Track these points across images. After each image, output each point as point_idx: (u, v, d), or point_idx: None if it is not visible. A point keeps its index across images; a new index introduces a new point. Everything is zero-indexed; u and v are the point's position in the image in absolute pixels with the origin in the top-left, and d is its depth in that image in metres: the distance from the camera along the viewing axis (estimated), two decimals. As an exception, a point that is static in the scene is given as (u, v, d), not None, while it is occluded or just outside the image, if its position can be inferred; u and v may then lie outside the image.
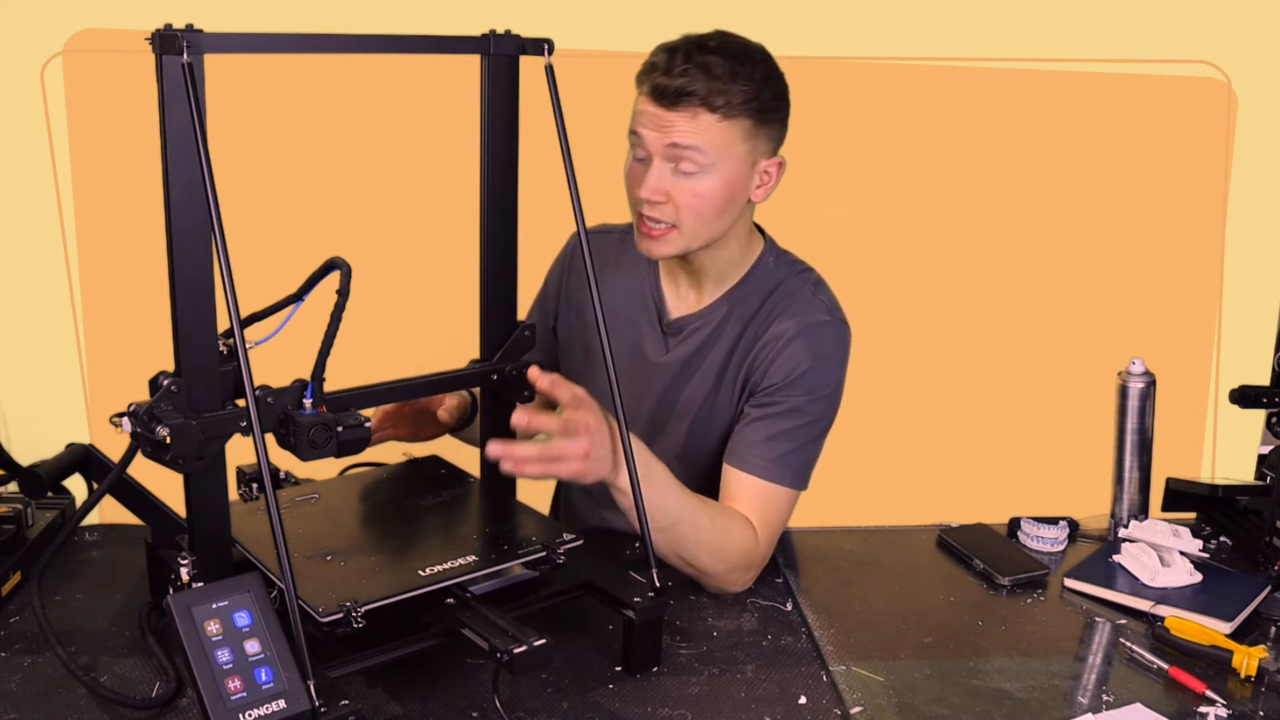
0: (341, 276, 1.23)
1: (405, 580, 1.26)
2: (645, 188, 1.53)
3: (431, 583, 1.27)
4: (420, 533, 1.43)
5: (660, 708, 1.29)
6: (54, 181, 2.44)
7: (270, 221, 2.29)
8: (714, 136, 1.51)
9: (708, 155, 1.51)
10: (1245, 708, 1.32)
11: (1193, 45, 2.54)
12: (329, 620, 1.18)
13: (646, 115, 1.53)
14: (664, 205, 1.54)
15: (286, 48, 1.22)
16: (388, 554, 1.35)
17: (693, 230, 1.56)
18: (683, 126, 1.50)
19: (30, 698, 1.27)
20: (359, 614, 1.19)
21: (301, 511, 1.44)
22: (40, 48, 2.37)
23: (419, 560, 1.30)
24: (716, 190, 1.54)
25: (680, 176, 1.53)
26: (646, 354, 1.70)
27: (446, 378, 1.47)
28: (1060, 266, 2.69)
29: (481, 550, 1.34)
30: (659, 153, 1.53)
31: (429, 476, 1.57)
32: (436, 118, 2.21)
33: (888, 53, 2.53)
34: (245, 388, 1.15)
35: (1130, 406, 1.75)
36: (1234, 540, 1.76)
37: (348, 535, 1.39)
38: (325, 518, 1.43)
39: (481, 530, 1.43)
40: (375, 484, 1.56)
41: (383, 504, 1.51)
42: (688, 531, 1.48)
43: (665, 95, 1.50)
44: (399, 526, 1.44)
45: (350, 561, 1.31)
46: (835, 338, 1.63)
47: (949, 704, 1.31)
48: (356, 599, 1.21)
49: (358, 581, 1.26)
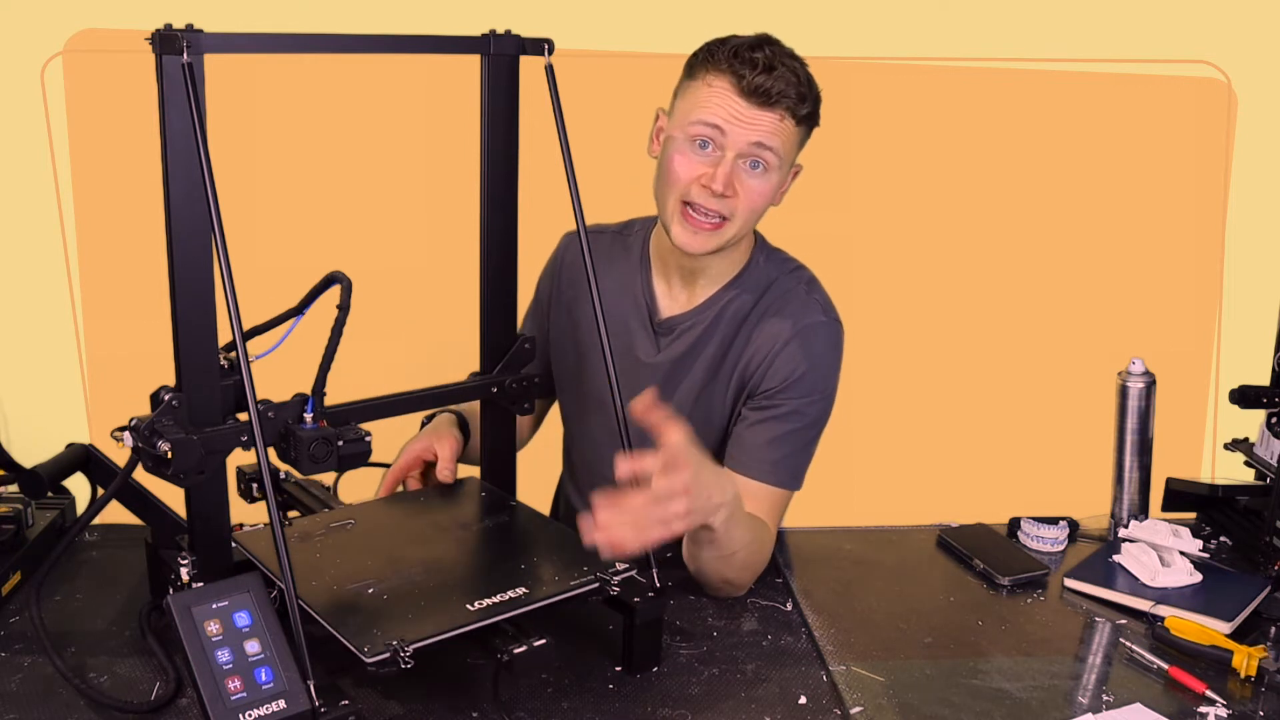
0: (342, 291, 1.23)
1: (454, 617, 1.20)
2: (718, 180, 1.51)
3: (482, 618, 1.20)
4: (465, 562, 1.38)
5: (660, 708, 1.29)
6: (54, 181, 2.44)
7: (270, 223, 2.30)
8: (787, 140, 1.53)
9: (779, 157, 1.53)
10: (1245, 708, 1.32)
11: (1193, 45, 2.54)
12: (375, 661, 1.12)
13: (733, 108, 1.50)
14: (730, 200, 1.53)
15: (286, 48, 1.22)
16: (433, 586, 1.28)
17: (742, 225, 1.56)
18: (769, 127, 1.51)
19: (30, 698, 1.27)
20: (407, 654, 1.13)
21: (338, 540, 1.38)
22: (40, 48, 2.37)
23: (467, 593, 1.24)
24: (773, 190, 1.56)
25: (747, 173, 1.53)
26: (637, 354, 1.70)
27: (446, 391, 1.46)
28: (1060, 267, 2.69)
29: (531, 581, 1.28)
30: (737, 148, 1.51)
31: (469, 500, 1.52)
32: (436, 118, 2.21)
33: (888, 53, 2.53)
34: (248, 403, 1.16)
35: (1130, 406, 1.75)
36: (1234, 540, 1.76)
37: (389, 565, 1.31)
38: (364, 546, 1.37)
39: (529, 558, 1.37)
40: (414, 509, 1.51)
41: (423, 530, 1.44)
42: (745, 555, 1.49)
43: (760, 94, 1.49)
44: (443, 554, 1.37)
45: (393, 595, 1.25)
46: (830, 338, 1.63)
47: (949, 704, 1.31)
48: (404, 637, 1.15)
49: (403, 617, 1.20)
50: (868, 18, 2.52)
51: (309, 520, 1.45)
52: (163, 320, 1.21)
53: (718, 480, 1.36)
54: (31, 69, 2.37)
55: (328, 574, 1.28)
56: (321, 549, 1.35)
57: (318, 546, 1.36)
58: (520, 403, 1.49)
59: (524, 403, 1.49)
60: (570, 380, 1.78)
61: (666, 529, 1.27)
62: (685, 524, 1.29)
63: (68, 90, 2.40)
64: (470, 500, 1.52)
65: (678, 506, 1.26)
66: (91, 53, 2.37)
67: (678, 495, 1.26)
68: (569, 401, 1.81)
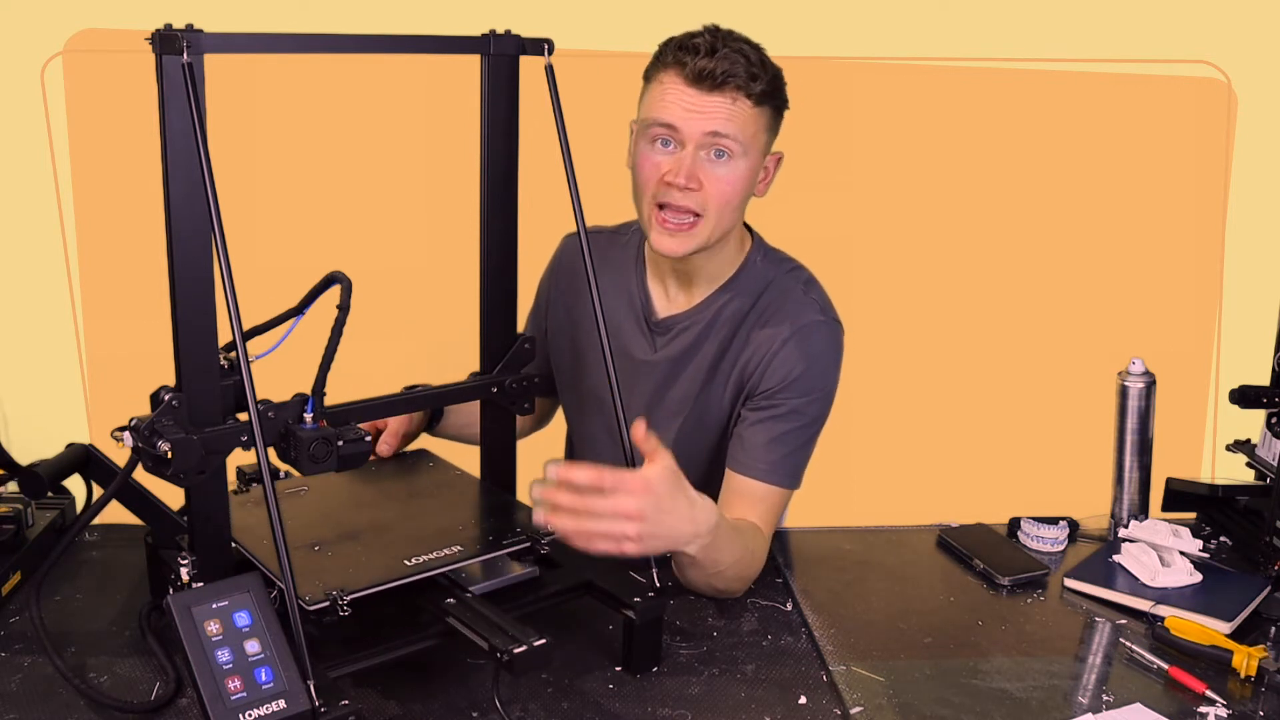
0: (342, 291, 1.23)
1: (391, 569, 1.27)
2: (680, 174, 1.50)
3: (417, 571, 1.27)
4: (409, 524, 1.43)
5: (660, 708, 1.29)
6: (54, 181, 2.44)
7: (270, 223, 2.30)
8: (747, 124, 1.51)
9: (740, 143, 1.51)
10: (1245, 708, 1.32)
11: (1193, 45, 2.54)
12: (315, 608, 1.18)
13: (682, 99, 1.50)
14: (696, 193, 1.52)
15: (286, 48, 1.22)
16: (375, 544, 1.36)
17: (717, 220, 1.55)
18: (722, 112, 1.49)
19: (30, 698, 1.27)
20: (345, 602, 1.20)
21: (290, 503, 1.45)
22: (40, 48, 2.37)
23: (406, 550, 1.31)
24: (744, 179, 1.54)
25: (711, 164, 1.52)
26: (633, 353, 1.70)
27: (446, 391, 1.47)
28: (1060, 267, 2.69)
29: (468, 541, 1.35)
30: (694, 139, 1.50)
31: (419, 470, 1.59)
32: (436, 118, 2.21)
33: (888, 53, 2.54)
34: (248, 403, 1.16)
35: (1130, 406, 1.75)
36: (1234, 540, 1.76)
37: (336, 527, 1.40)
38: (314, 510, 1.44)
39: (470, 522, 1.44)
40: (365, 477, 1.57)
41: (372, 497, 1.52)
42: (734, 571, 1.49)
43: (710, 77, 1.48)
44: (388, 518, 1.44)
45: (337, 552, 1.32)
46: (829, 337, 1.63)
47: (949, 704, 1.31)
48: (343, 588, 1.21)
49: (344, 571, 1.26)
50: (868, 18, 2.52)
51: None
52: (163, 320, 1.21)
53: (690, 513, 1.34)
54: (31, 69, 2.37)
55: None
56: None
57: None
58: (520, 403, 1.49)
59: (524, 403, 1.49)
60: (569, 380, 1.78)
61: (615, 545, 1.27)
62: (638, 549, 1.29)
63: (68, 90, 2.40)
64: (420, 471, 1.59)
65: (629, 529, 1.27)
66: (91, 53, 2.37)
67: (628, 519, 1.27)
68: (569, 401, 1.81)
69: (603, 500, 1.26)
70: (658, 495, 1.29)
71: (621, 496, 1.26)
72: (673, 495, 1.31)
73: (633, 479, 1.28)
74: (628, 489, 1.27)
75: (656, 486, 1.29)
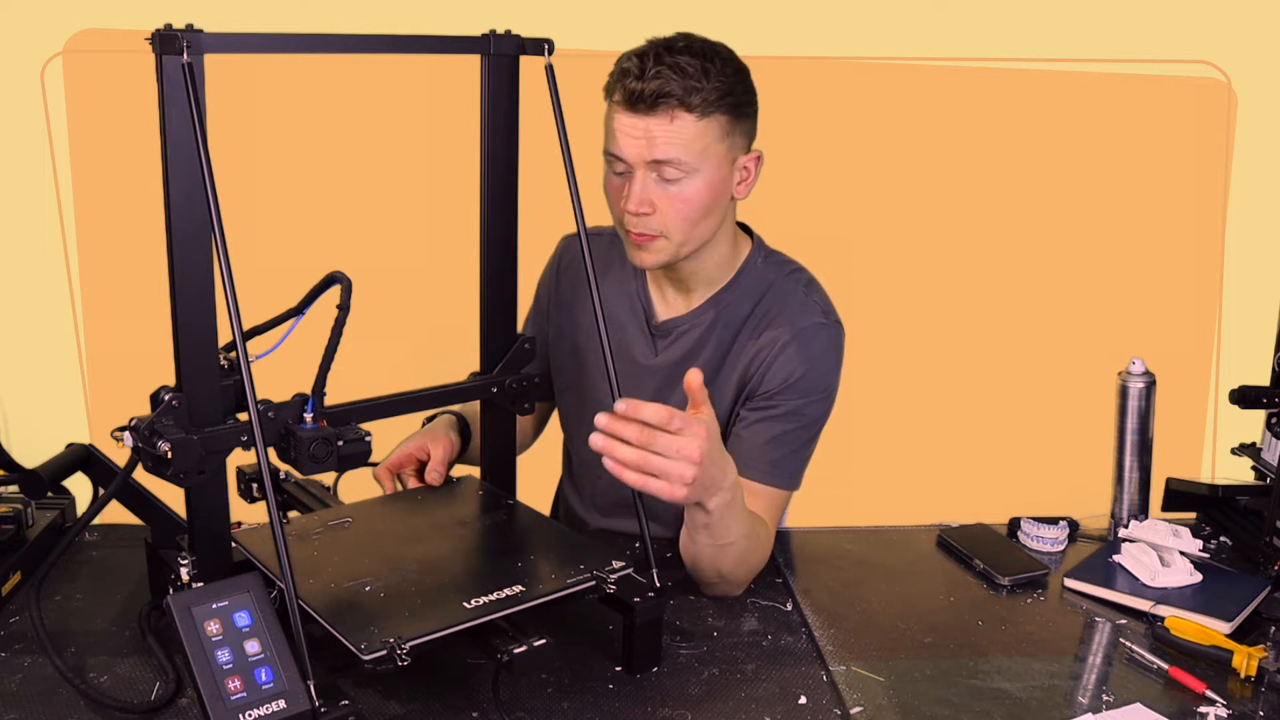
0: (342, 291, 1.23)
1: (450, 615, 1.20)
2: (631, 201, 1.51)
3: (478, 615, 1.20)
4: (463, 560, 1.37)
5: (660, 708, 1.29)
6: (54, 181, 2.44)
7: (270, 223, 2.30)
8: (694, 140, 1.49)
9: (690, 161, 1.49)
10: (1245, 708, 1.32)
11: (1193, 45, 2.54)
12: (372, 659, 1.12)
13: (623, 126, 1.49)
14: (650, 217, 1.52)
15: (286, 48, 1.22)
16: (430, 584, 1.27)
17: (682, 236, 1.55)
18: (662, 133, 1.48)
19: (30, 698, 1.27)
20: (404, 652, 1.13)
21: (336, 538, 1.38)
22: (40, 48, 2.37)
23: (464, 591, 1.24)
24: (702, 194, 1.52)
25: (664, 184, 1.51)
26: (635, 356, 1.70)
27: (446, 391, 1.46)
28: (1060, 267, 2.69)
29: (528, 579, 1.28)
30: (639, 165, 1.50)
31: (467, 499, 1.52)
32: (436, 118, 2.21)
33: (888, 53, 2.54)
34: (248, 403, 1.16)
35: (1130, 406, 1.75)
36: (1234, 540, 1.76)
37: (386, 564, 1.31)
38: (361, 544, 1.37)
39: (526, 557, 1.37)
40: (411, 507, 1.51)
41: (421, 529, 1.43)
42: (742, 548, 1.48)
43: (641, 100, 1.47)
44: (440, 553, 1.37)
45: (390, 592, 1.25)
46: (829, 340, 1.63)
47: (949, 704, 1.31)
48: (401, 635, 1.15)
49: (399, 615, 1.19)
50: (868, 18, 2.52)
51: (307, 519, 1.45)
52: (163, 320, 1.21)
53: (724, 465, 1.37)
54: (31, 69, 2.37)
55: (325, 572, 1.28)
56: (319, 547, 1.35)
57: (315, 545, 1.36)
58: (520, 403, 1.49)
59: (524, 403, 1.49)
60: (569, 381, 1.78)
61: (668, 487, 1.28)
62: (686, 493, 1.29)
63: (68, 90, 2.40)
64: (468, 499, 1.52)
65: (687, 473, 1.27)
66: (91, 53, 2.37)
67: (690, 462, 1.27)
68: (568, 403, 1.81)
69: (670, 439, 1.26)
70: (715, 443, 1.31)
71: (687, 438, 1.27)
72: (719, 445, 1.34)
73: (699, 424, 1.28)
74: (693, 432, 1.27)
75: (715, 434, 1.31)
